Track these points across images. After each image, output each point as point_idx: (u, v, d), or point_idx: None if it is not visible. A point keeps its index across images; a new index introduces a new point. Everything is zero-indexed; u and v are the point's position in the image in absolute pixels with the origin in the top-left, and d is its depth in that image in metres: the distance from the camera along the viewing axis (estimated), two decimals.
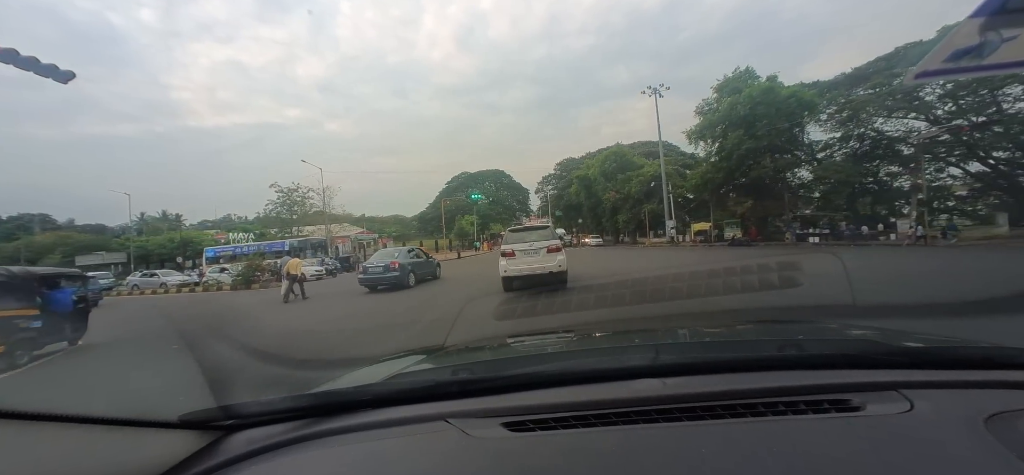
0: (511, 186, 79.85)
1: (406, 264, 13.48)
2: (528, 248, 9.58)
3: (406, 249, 15.21)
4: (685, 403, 0.88)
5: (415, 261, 14.48)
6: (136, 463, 0.82)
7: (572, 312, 3.23)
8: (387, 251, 15.64)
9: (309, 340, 6.99)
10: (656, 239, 41.94)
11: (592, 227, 56.07)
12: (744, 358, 1.16)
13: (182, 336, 7.50)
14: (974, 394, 0.86)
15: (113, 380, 5.55)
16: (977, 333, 2.81)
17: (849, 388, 0.89)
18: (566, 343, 1.78)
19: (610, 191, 46.79)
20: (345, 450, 0.89)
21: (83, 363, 6.64)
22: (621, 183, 46.04)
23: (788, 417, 0.83)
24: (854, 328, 1.47)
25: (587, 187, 52.29)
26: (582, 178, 53.77)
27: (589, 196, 52.02)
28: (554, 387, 1.03)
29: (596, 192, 49.81)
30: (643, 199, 43.28)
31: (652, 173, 42.40)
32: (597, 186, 49.63)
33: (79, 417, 0.86)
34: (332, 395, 1.15)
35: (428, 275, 14.87)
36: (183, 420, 0.95)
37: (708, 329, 1.92)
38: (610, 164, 49.80)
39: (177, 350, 5.79)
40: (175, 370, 4.34)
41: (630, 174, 46.07)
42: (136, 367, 6.10)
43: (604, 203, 47.82)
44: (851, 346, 1.24)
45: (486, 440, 0.85)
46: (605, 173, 49.05)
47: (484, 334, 3.28)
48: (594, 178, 50.26)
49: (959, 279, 8.65)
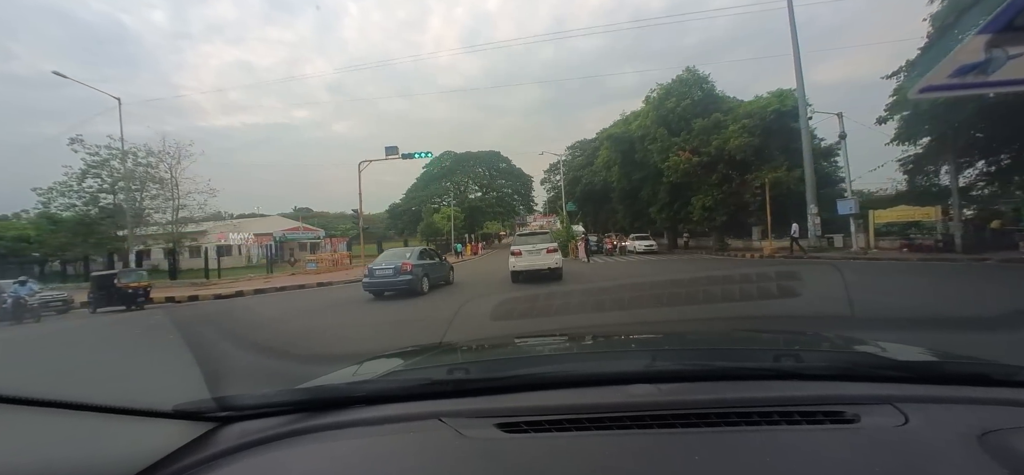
0: (511, 174, 60.11)
1: (419, 266, 11.70)
2: (532, 249, 12.64)
3: (418, 249, 13.15)
4: (680, 410, 0.88)
5: (429, 264, 12.66)
6: (129, 451, 0.82)
7: (571, 315, 3.22)
8: (396, 252, 13.48)
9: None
10: (769, 243, 20.71)
11: (627, 221, 34.16)
12: (740, 367, 1.16)
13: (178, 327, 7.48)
14: (969, 410, 0.86)
15: (108, 368, 5.55)
16: (969, 349, 2.72)
17: (844, 400, 0.89)
18: (562, 346, 1.78)
19: (681, 150, 24.21)
20: (338, 445, 0.89)
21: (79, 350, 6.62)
22: (706, 134, 23.59)
23: (782, 427, 0.83)
24: (851, 340, 1.47)
25: (626, 152, 30.17)
26: (618, 138, 31.12)
27: (630, 170, 30.32)
28: (549, 389, 1.03)
29: (647, 157, 27.15)
30: (757, 162, 21.93)
31: (771, 107, 22.35)
32: (650, 146, 26.54)
33: (73, 403, 0.86)
34: (327, 390, 1.15)
35: (441, 280, 13.13)
36: (177, 410, 0.95)
37: (704, 336, 1.92)
38: (679, 104, 25.53)
39: (172, 341, 5.79)
40: (171, 360, 4.33)
41: (726, 118, 23.56)
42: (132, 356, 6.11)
43: (666, 174, 25.16)
44: (847, 359, 1.24)
45: (479, 440, 0.85)
46: (667, 121, 25.75)
47: (481, 334, 3.27)
48: (646, 132, 27.06)
49: None
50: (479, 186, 59.82)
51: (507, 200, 60.92)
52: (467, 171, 58.72)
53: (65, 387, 0.92)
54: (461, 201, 53.56)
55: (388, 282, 11.09)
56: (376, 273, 11.34)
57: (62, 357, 6.70)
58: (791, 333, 1.79)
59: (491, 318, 3.49)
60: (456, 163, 57.74)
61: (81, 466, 0.75)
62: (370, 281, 11.35)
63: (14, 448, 0.76)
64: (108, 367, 5.38)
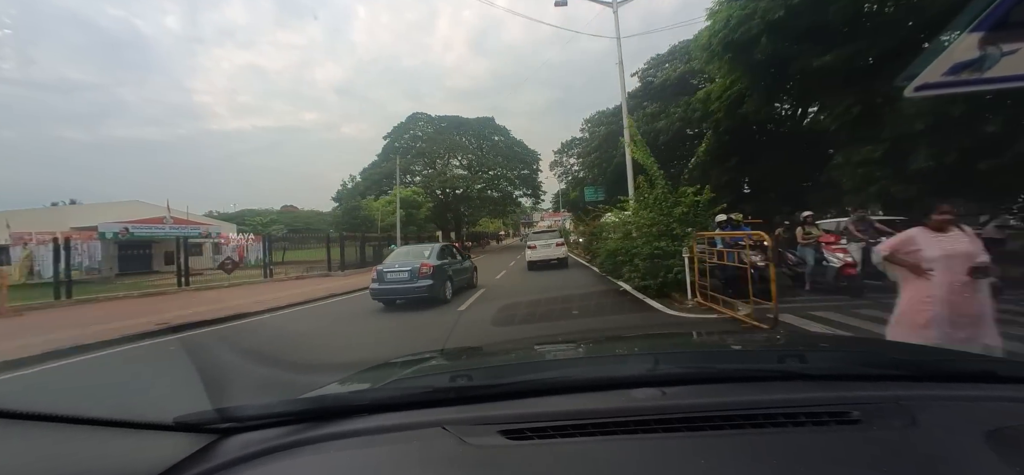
0: (509, 152, 42.66)
1: (441, 268, 9.58)
2: (544, 243, 16.50)
3: (438, 246, 10.52)
4: (684, 413, 0.88)
5: (452, 264, 10.48)
6: (131, 464, 0.82)
7: (573, 319, 3.22)
8: (412, 250, 10.82)
9: None
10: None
11: (729, 197, 12.20)
12: (744, 370, 1.15)
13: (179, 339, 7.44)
14: (974, 408, 0.85)
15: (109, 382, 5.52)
16: None
17: (849, 401, 0.89)
18: (565, 351, 1.77)
19: None
20: (341, 455, 0.88)
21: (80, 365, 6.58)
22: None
23: (788, 429, 0.82)
24: (856, 341, 1.47)
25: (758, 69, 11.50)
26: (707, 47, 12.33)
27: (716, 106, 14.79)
28: (553, 395, 1.02)
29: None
30: None
31: None
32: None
33: (74, 418, 0.86)
34: (329, 400, 1.14)
35: (465, 284, 11.22)
36: (178, 422, 0.95)
37: (708, 340, 1.91)
38: None
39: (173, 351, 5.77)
40: (172, 372, 4.31)
41: None
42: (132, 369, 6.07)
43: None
44: (851, 359, 1.23)
45: (483, 448, 0.84)
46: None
47: (483, 339, 3.26)
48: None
49: None
50: (466, 167, 42.27)
51: (502, 182, 42.69)
52: (448, 142, 40.88)
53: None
54: (432, 183, 39.37)
55: (402, 288, 9.08)
56: (387, 277, 9.30)
57: None
58: (796, 334, 1.79)
59: (492, 323, 3.49)
60: (437, 133, 41.24)
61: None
62: (380, 287, 9.33)
63: (17, 464, 0.75)
64: None
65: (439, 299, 9.15)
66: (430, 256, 9.66)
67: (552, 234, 17.77)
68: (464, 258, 11.91)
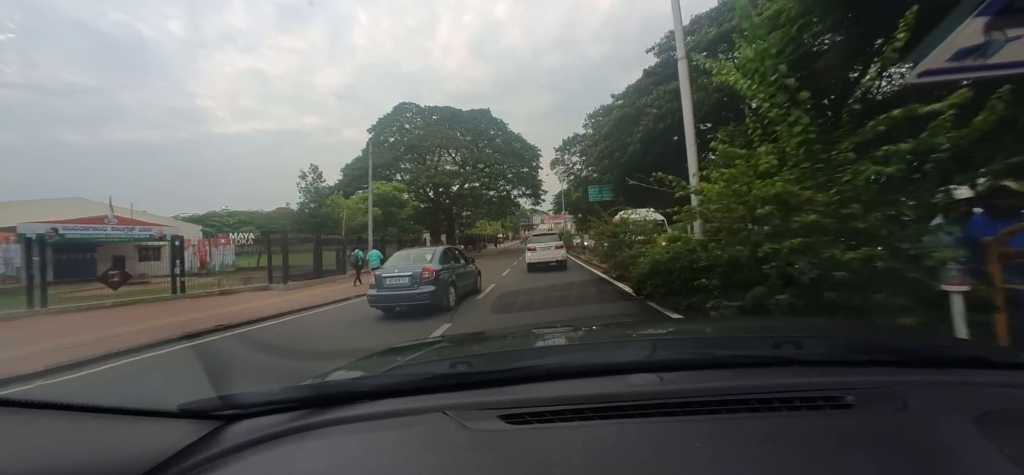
0: (507, 147, 40.71)
1: (445, 273, 9.00)
2: (543, 246, 17.23)
3: (441, 250, 9.92)
4: (681, 398, 0.89)
5: (456, 269, 9.83)
6: (136, 451, 0.83)
7: (571, 306, 3.24)
8: (413, 253, 10.30)
9: None
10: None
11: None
12: (741, 355, 1.16)
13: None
14: (966, 392, 0.86)
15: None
16: None
17: (843, 386, 0.90)
18: (564, 337, 1.78)
19: None
20: (343, 441, 0.89)
21: None
22: None
23: (783, 413, 0.84)
24: (851, 327, 1.48)
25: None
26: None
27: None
28: (552, 380, 1.04)
29: None
30: None
31: None
32: None
33: (79, 405, 0.87)
34: (330, 386, 1.16)
35: (469, 289, 10.69)
36: (182, 409, 0.96)
37: (705, 327, 1.92)
38: None
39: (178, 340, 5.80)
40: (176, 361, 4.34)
41: None
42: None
43: None
44: (846, 345, 1.25)
45: (483, 432, 0.86)
46: None
47: (482, 326, 3.29)
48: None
49: None
50: (460, 164, 39.76)
51: (499, 179, 40.05)
52: (440, 136, 38.40)
53: None
54: (421, 180, 36.45)
55: (403, 295, 8.54)
56: (387, 283, 8.76)
57: None
58: (790, 321, 1.80)
59: (492, 311, 3.51)
60: (425, 129, 38.36)
61: (89, 468, 0.76)
62: (378, 293, 8.78)
63: (22, 451, 0.76)
64: None
65: (442, 306, 8.58)
66: (432, 260, 9.10)
67: (551, 237, 18.76)
68: (468, 262, 11.35)
